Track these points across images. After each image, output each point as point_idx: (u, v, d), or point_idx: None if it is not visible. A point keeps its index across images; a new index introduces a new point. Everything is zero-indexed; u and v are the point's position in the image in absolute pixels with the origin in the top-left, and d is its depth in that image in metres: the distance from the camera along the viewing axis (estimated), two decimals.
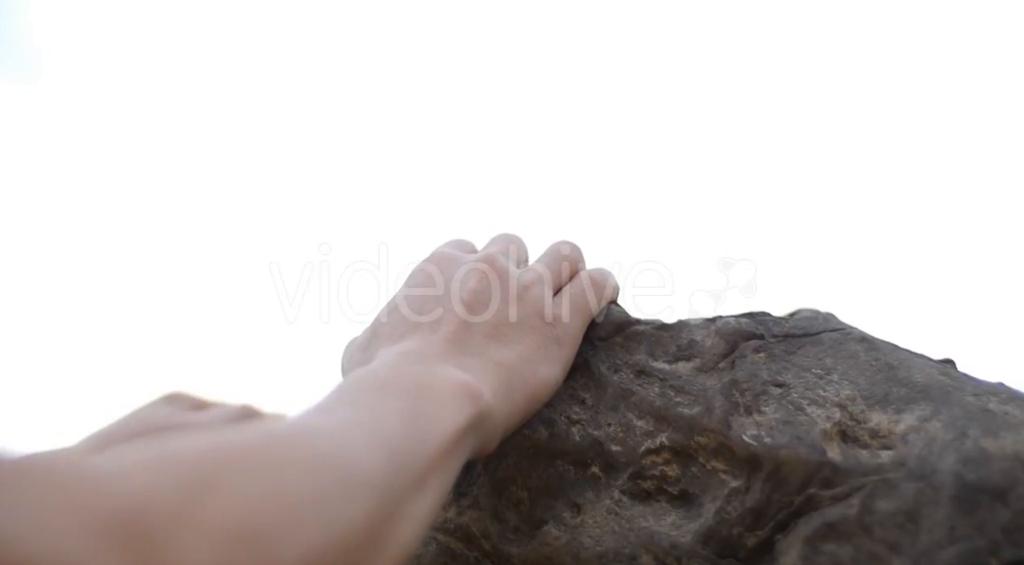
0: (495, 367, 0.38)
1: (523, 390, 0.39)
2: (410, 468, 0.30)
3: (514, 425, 0.39)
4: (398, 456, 0.29)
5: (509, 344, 0.39)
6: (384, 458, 0.29)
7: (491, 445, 0.37)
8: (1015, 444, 0.33)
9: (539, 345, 0.40)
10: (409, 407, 0.32)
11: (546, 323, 0.41)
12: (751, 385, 0.39)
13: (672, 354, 0.42)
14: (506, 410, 0.37)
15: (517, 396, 0.38)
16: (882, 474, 0.34)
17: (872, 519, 0.33)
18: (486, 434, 0.36)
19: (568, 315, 0.42)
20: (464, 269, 0.41)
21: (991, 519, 0.32)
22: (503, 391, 0.37)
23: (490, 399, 0.36)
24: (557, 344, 0.41)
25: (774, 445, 0.36)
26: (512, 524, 0.41)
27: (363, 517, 0.27)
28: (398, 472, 0.29)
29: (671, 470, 0.39)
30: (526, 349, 0.40)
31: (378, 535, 0.27)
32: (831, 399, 0.38)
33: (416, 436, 0.31)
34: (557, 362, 0.40)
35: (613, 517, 0.39)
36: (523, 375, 0.39)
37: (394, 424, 0.31)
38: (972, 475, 0.33)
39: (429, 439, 0.31)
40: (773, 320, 0.42)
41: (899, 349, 0.41)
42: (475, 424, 0.34)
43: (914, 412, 0.36)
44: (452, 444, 0.32)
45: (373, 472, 0.28)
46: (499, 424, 0.37)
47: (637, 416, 0.40)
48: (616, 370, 0.42)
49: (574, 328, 0.42)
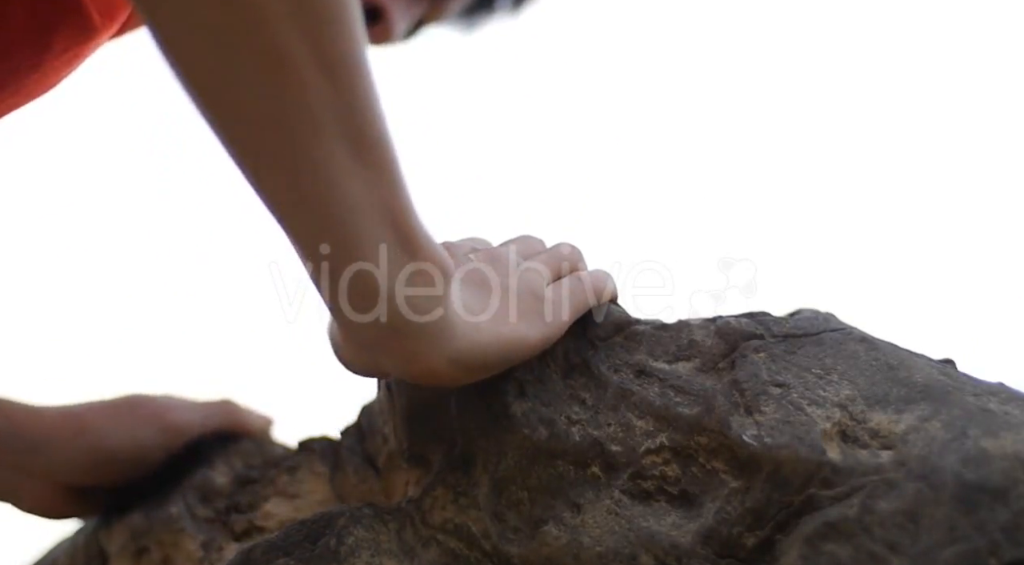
0: (479, 297, 0.38)
1: (493, 332, 0.38)
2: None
3: (467, 363, 0.37)
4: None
5: (498, 299, 0.39)
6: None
7: (431, 352, 0.36)
8: (1015, 444, 0.33)
9: (525, 311, 0.40)
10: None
11: (537, 298, 0.40)
12: (751, 385, 0.39)
13: (672, 354, 0.42)
14: (467, 328, 0.37)
15: (485, 332, 0.37)
16: (882, 474, 0.34)
17: (872, 519, 0.33)
18: (433, 328, 0.35)
19: (562, 298, 0.41)
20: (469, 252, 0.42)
21: (991, 519, 0.32)
22: (472, 311, 0.37)
23: (457, 293, 0.37)
24: (542, 318, 0.40)
25: (774, 445, 0.36)
26: (512, 524, 0.41)
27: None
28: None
29: (671, 470, 0.39)
30: (512, 309, 0.39)
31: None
32: (831, 399, 0.38)
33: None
34: (538, 330, 0.40)
35: (613, 517, 0.39)
36: (500, 321, 0.38)
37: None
38: (972, 475, 0.33)
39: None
40: (773, 320, 0.42)
41: (899, 349, 0.41)
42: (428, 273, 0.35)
43: (914, 412, 0.36)
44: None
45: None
46: (452, 328, 0.36)
47: (637, 416, 0.40)
48: (616, 370, 0.42)
49: (564, 311, 0.41)
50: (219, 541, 0.49)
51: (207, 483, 0.51)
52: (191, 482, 0.52)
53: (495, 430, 0.42)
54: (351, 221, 0.32)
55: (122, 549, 0.51)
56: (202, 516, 0.50)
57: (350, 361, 0.39)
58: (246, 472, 0.52)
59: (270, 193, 0.32)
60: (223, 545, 0.48)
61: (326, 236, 0.32)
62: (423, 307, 0.35)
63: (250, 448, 0.54)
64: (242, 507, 0.50)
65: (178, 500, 0.51)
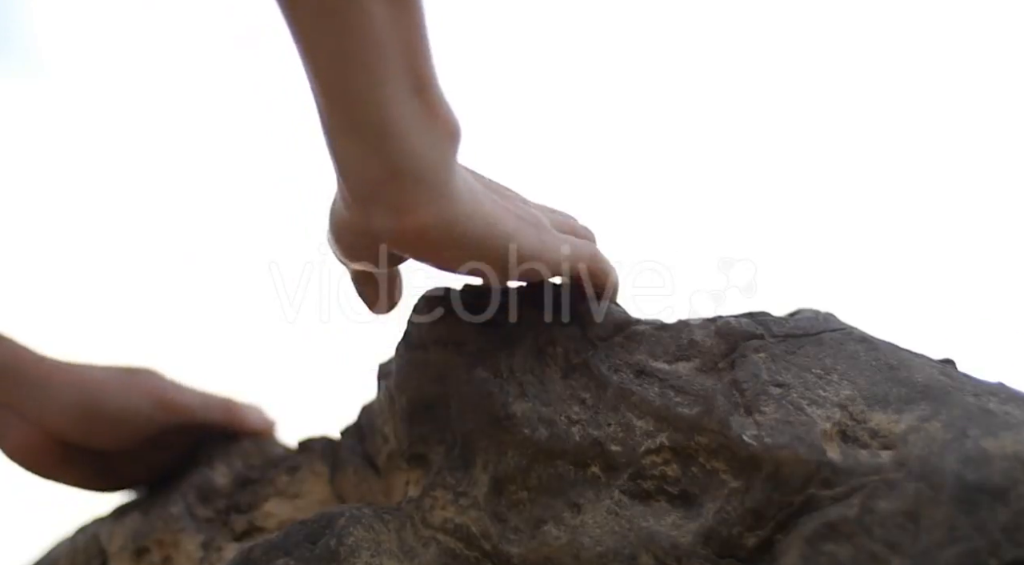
0: (485, 190, 0.39)
1: (489, 211, 0.38)
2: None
3: (460, 229, 0.37)
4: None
5: (500, 200, 0.40)
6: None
7: (425, 206, 0.36)
8: (1015, 444, 0.33)
9: (524, 222, 0.40)
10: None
11: (537, 224, 0.40)
12: (751, 385, 0.39)
13: (672, 354, 0.42)
14: (466, 195, 0.37)
15: (482, 208, 0.38)
16: (882, 474, 0.34)
17: (872, 519, 0.33)
18: (434, 172, 0.35)
19: (562, 238, 0.42)
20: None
21: (991, 519, 0.32)
22: (475, 190, 0.38)
23: (462, 170, 0.37)
24: (538, 235, 0.40)
25: (774, 445, 0.36)
26: (512, 524, 0.41)
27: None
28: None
29: (671, 470, 0.39)
30: (511, 212, 0.39)
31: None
32: (831, 399, 0.38)
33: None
34: (531, 239, 0.40)
35: (613, 517, 0.39)
36: (498, 210, 0.39)
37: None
38: (972, 475, 0.33)
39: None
40: (773, 320, 0.42)
41: (899, 349, 0.41)
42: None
43: (914, 412, 0.36)
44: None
45: None
46: (451, 189, 0.36)
47: (637, 416, 0.40)
48: (616, 370, 0.42)
49: (560, 247, 0.41)
50: (219, 541, 0.49)
51: (207, 483, 0.51)
52: (191, 482, 0.52)
53: (495, 430, 0.42)
54: (371, 53, 0.33)
55: (122, 549, 0.51)
56: (202, 516, 0.50)
57: (341, 226, 0.39)
58: (246, 472, 0.52)
59: (297, 18, 0.33)
60: (223, 545, 0.48)
61: (344, 66, 0.33)
62: (427, 157, 0.35)
63: (250, 448, 0.54)
64: (242, 507, 0.50)
65: (178, 500, 0.51)
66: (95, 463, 0.53)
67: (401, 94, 0.34)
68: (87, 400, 0.51)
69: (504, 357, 0.43)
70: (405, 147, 0.34)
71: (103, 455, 0.53)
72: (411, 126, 0.34)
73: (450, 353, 0.44)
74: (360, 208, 0.37)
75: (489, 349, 0.44)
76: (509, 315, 0.44)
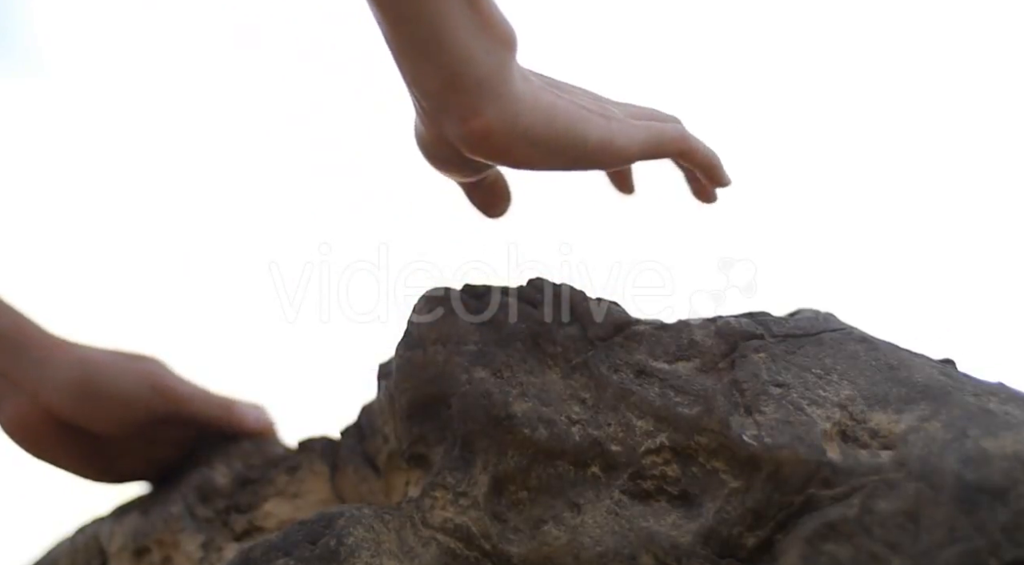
0: (546, 87, 0.41)
1: (551, 106, 0.40)
2: None
3: (524, 126, 0.39)
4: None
5: (564, 95, 0.41)
6: None
7: (488, 108, 0.38)
8: (1015, 444, 0.33)
9: (589, 112, 0.41)
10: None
11: (605, 114, 0.42)
12: (751, 385, 0.39)
13: (672, 354, 0.42)
14: (527, 95, 0.39)
15: (543, 104, 0.40)
16: (882, 474, 0.34)
17: (872, 519, 0.33)
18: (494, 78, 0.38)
19: (634, 126, 0.43)
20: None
21: (991, 519, 0.32)
22: (534, 86, 0.40)
23: (521, 69, 0.39)
24: (607, 125, 0.42)
25: (774, 445, 0.36)
26: (512, 524, 0.41)
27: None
28: None
29: (671, 470, 0.39)
30: (575, 106, 0.41)
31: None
32: (831, 399, 0.38)
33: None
34: (598, 129, 0.41)
35: (613, 517, 0.39)
36: (561, 104, 0.40)
37: None
38: (972, 475, 0.33)
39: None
40: (773, 320, 0.42)
41: (899, 349, 0.41)
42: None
43: (914, 412, 0.36)
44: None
45: None
46: (511, 91, 0.38)
47: (637, 416, 0.40)
48: (616, 370, 0.42)
49: (633, 134, 0.42)
50: (219, 541, 0.49)
51: (207, 483, 0.51)
52: (191, 482, 0.52)
53: (495, 430, 0.42)
54: None
55: (122, 549, 0.51)
56: (202, 516, 0.50)
57: (424, 142, 0.43)
58: (246, 472, 0.52)
59: None
60: (223, 545, 0.48)
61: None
62: (484, 62, 0.38)
63: (250, 448, 0.54)
64: (242, 507, 0.50)
65: (178, 500, 0.51)
66: (89, 448, 0.53)
67: (454, 8, 0.37)
68: (85, 378, 0.51)
69: (504, 357, 0.43)
70: (463, 55, 0.37)
71: (98, 441, 0.53)
72: (466, 36, 0.37)
73: (450, 353, 0.44)
74: (432, 121, 0.40)
75: (489, 349, 0.44)
76: (509, 315, 0.44)
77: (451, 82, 0.38)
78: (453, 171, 0.44)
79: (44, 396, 0.51)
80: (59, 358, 0.51)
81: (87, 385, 0.51)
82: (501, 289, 0.45)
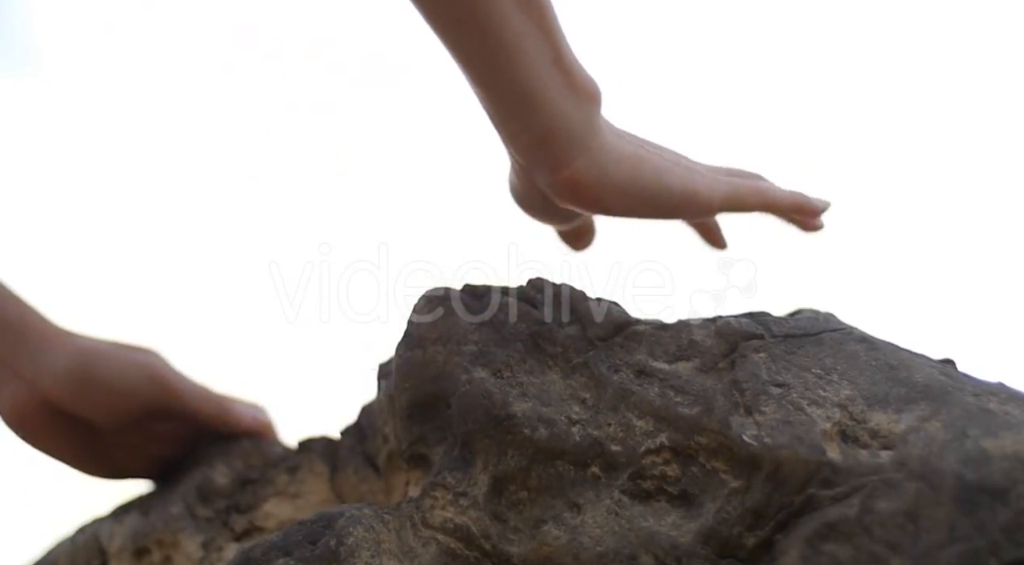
0: (631, 141, 0.44)
1: (636, 158, 0.43)
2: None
3: (611, 177, 0.42)
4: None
5: (649, 148, 0.44)
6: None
7: (576, 160, 0.41)
8: (1015, 444, 0.33)
9: (672, 164, 0.44)
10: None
11: (689, 167, 0.45)
12: (751, 385, 0.39)
13: (672, 354, 0.42)
14: (612, 148, 0.42)
15: (628, 156, 0.43)
16: (882, 474, 0.34)
17: (872, 519, 0.33)
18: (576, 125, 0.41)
19: (717, 179, 0.46)
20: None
21: (991, 519, 0.32)
22: (621, 139, 0.43)
23: (607, 124, 0.43)
24: (690, 177, 0.44)
25: (774, 445, 0.36)
26: (512, 524, 0.41)
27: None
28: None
29: (671, 470, 0.39)
30: (659, 159, 0.44)
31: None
32: (831, 399, 0.38)
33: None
34: (681, 181, 0.44)
35: (613, 517, 0.39)
36: (645, 157, 0.43)
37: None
38: (972, 475, 0.33)
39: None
40: (773, 320, 0.42)
41: (899, 349, 0.41)
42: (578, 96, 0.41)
43: (914, 412, 0.36)
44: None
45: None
46: (598, 143, 0.42)
47: (637, 416, 0.40)
48: (616, 370, 0.42)
49: (716, 187, 0.45)
50: (219, 541, 0.49)
51: (207, 483, 0.51)
52: (191, 482, 0.52)
53: (495, 430, 0.42)
54: (519, 49, 0.39)
55: (122, 549, 0.51)
56: (202, 516, 0.50)
57: (517, 192, 0.47)
58: (246, 472, 0.52)
59: (460, 47, 0.40)
60: (223, 545, 0.48)
61: (500, 64, 0.39)
62: (572, 117, 0.41)
63: (250, 448, 0.54)
64: (242, 507, 0.50)
65: (178, 500, 0.51)
66: (86, 439, 0.53)
67: (541, 69, 0.40)
68: (83, 366, 0.51)
69: (504, 357, 0.43)
70: (552, 111, 0.40)
71: (95, 432, 0.53)
72: (555, 95, 0.40)
73: (450, 353, 0.44)
74: (525, 173, 0.44)
75: (489, 349, 0.44)
76: (509, 315, 0.44)
77: (543, 138, 0.41)
78: (547, 219, 0.48)
79: (42, 384, 0.51)
80: (58, 347, 0.51)
81: (85, 374, 0.51)
82: (501, 289, 0.45)
